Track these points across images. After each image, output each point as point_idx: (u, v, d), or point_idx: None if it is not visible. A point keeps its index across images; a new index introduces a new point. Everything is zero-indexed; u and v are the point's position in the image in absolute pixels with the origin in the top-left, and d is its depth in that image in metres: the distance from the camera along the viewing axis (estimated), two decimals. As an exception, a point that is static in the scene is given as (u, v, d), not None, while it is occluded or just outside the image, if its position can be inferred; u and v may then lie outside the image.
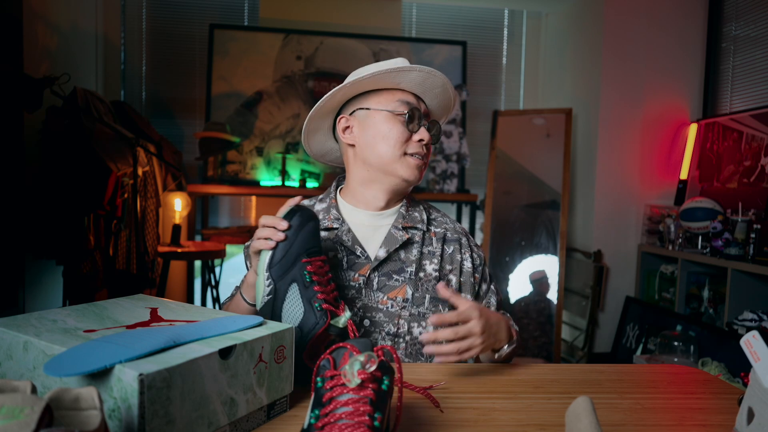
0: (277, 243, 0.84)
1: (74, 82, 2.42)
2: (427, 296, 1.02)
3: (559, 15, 3.67)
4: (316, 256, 0.85)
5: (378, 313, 1.00)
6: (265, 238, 0.85)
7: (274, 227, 0.85)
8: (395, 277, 1.02)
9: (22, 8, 1.89)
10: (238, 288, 1.06)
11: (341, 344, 0.60)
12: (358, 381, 0.55)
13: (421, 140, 1.03)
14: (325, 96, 1.02)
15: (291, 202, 0.88)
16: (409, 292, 1.01)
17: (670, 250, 2.86)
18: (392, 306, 1.00)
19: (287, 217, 0.86)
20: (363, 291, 1.01)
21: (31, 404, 0.41)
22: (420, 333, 1.01)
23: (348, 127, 1.06)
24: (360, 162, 1.06)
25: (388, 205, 1.08)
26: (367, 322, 1.00)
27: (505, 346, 0.95)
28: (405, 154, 1.03)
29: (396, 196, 1.08)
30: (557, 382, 0.89)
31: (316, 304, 0.80)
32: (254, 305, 0.93)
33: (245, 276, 0.99)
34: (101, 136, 2.30)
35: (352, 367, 0.55)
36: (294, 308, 0.81)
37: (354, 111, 1.06)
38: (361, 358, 0.55)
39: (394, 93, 1.04)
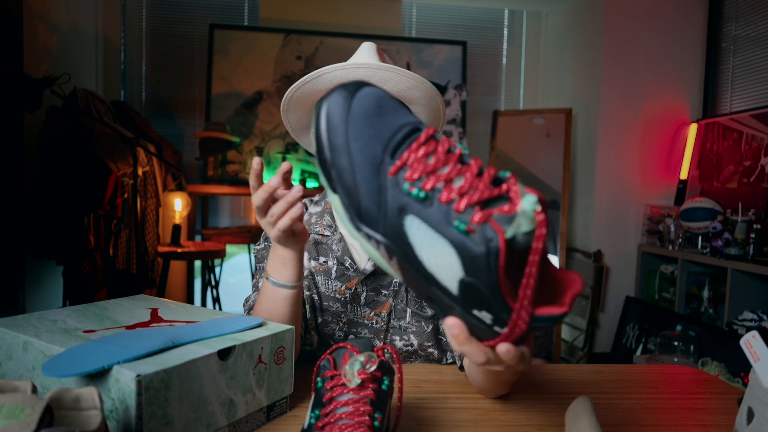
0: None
1: (74, 82, 2.42)
2: (408, 310, 0.97)
3: (559, 15, 3.67)
4: (406, 137, 0.46)
5: (363, 329, 0.98)
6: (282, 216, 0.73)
7: (282, 197, 0.74)
8: (384, 292, 0.98)
9: (22, 8, 1.89)
10: (257, 279, 0.99)
11: (341, 344, 0.60)
12: (358, 381, 0.55)
13: None
14: (286, 95, 0.97)
15: (283, 169, 0.77)
16: (392, 303, 0.98)
17: (670, 250, 2.86)
18: (377, 322, 0.97)
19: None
20: (349, 305, 0.98)
21: (32, 404, 0.41)
22: (403, 345, 0.97)
23: None
24: None
25: None
26: (351, 338, 0.97)
27: None
28: None
29: None
30: (557, 382, 0.89)
31: (456, 223, 0.41)
32: (292, 286, 0.81)
33: (267, 261, 0.86)
34: (101, 136, 2.30)
35: (353, 367, 0.55)
36: (436, 250, 0.43)
37: None
38: (362, 358, 0.55)
39: None
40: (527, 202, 0.40)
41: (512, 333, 0.43)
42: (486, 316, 0.43)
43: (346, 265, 0.98)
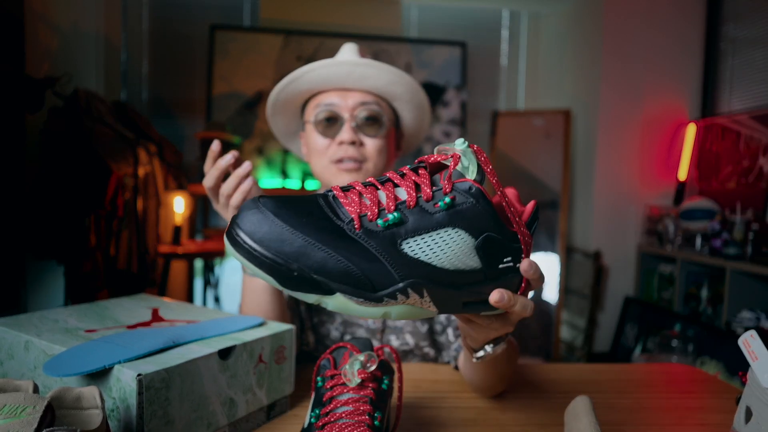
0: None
1: (75, 83, 2.43)
2: None
3: (558, 15, 3.67)
4: (328, 202, 0.46)
5: (359, 329, 0.98)
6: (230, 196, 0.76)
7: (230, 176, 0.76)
8: None
9: (23, 8, 1.89)
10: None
11: (341, 344, 0.60)
12: (358, 380, 0.55)
13: (342, 142, 0.93)
14: (270, 102, 0.98)
15: (213, 149, 0.77)
16: None
17: (669, 250, 2.86)
18: (373, 322, 0.97)
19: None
20: None
21: (33, 403, 0.41)
22: (399, 345, 0.97)
23: (305, 145, 1.01)
24: None
25: None
26: (348, 338, 0.97)
27: (490, 346, 0.63)
28: (331, 162, 0.94)
29: None
30: (556, 381, 0.89)
31: (439, 205, 0.45)
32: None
33: None
34: (102, 136, 2.31)
35: (353, 367, 0.55)
36: (445, 245, 0.45)
37: (304, 124, 1.01)
38: (362, 357, 0.56)
39: (317, 98, 0.96)
40: (456, 145, 0.46)
41: (527, 249, 0.49)
42: (507, 261, 0.48)
43: None
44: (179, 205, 2.90)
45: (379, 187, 0.46)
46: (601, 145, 3.13)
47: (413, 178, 0.46)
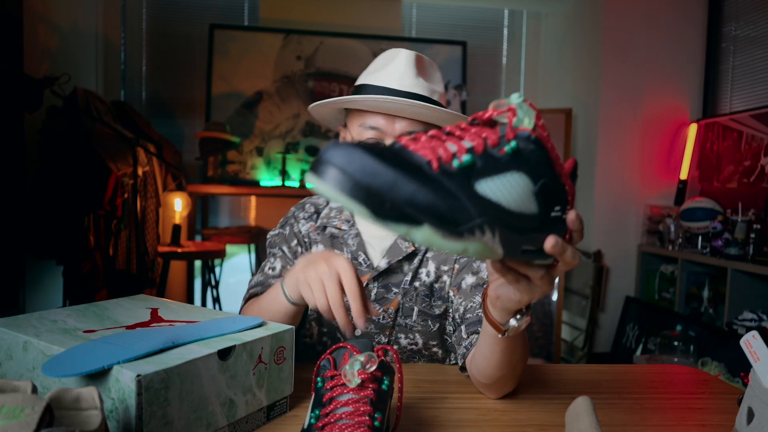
0: None
1: (74, 83, 2.42)
2: (416, 308, 0.97)
3: (559, 15, 3.67)
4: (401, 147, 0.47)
5: (369, 325, 0.97)
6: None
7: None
8: (394, 289, 0.97)
9: (22, 8, 1.89)
10: (261, 285, 0.98)
11: (341, 344, 0.60)
12: (359, 381, 0.55)
13: None
14: (315, 104, 0.99)
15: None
16: (401, 301, 0.97)
17: (670, 250, 2.86)
18: (384, 318, 0.97)
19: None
20: None
21: (32, 404, 0.41)
22: (407, 344, 0.97)
23: (344, 138, 1.03)
24: None
25: None
26: (358, 332, 0.96)
27: (515, 319, 0.65)
28: None
29: None
30: (557, 382, 0.89)
31: (506, 149, 0.49)
32: (298, 304, 0.81)
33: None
34: (101, 136, 2.30)
35: (353, 367, 0.55)
36: (510, 188, 0.49)
37: (346, 122, 1.02)
38: (362, 358, 0.55)
39: (362, 115, 0.97)
40: (513, 99, 0.50)
41: (572, 200, 0.54)
42: (557, 210, 0.52)
43: (360, 260, 0.98)
44: (178, 205, 2.90)
45: (444, 138, 0.49)
46: (601, 144, 3.13)
47: (473, 130, 0.50)
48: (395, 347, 0.97)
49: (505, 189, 0.48)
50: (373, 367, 0.55)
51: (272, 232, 1.06)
